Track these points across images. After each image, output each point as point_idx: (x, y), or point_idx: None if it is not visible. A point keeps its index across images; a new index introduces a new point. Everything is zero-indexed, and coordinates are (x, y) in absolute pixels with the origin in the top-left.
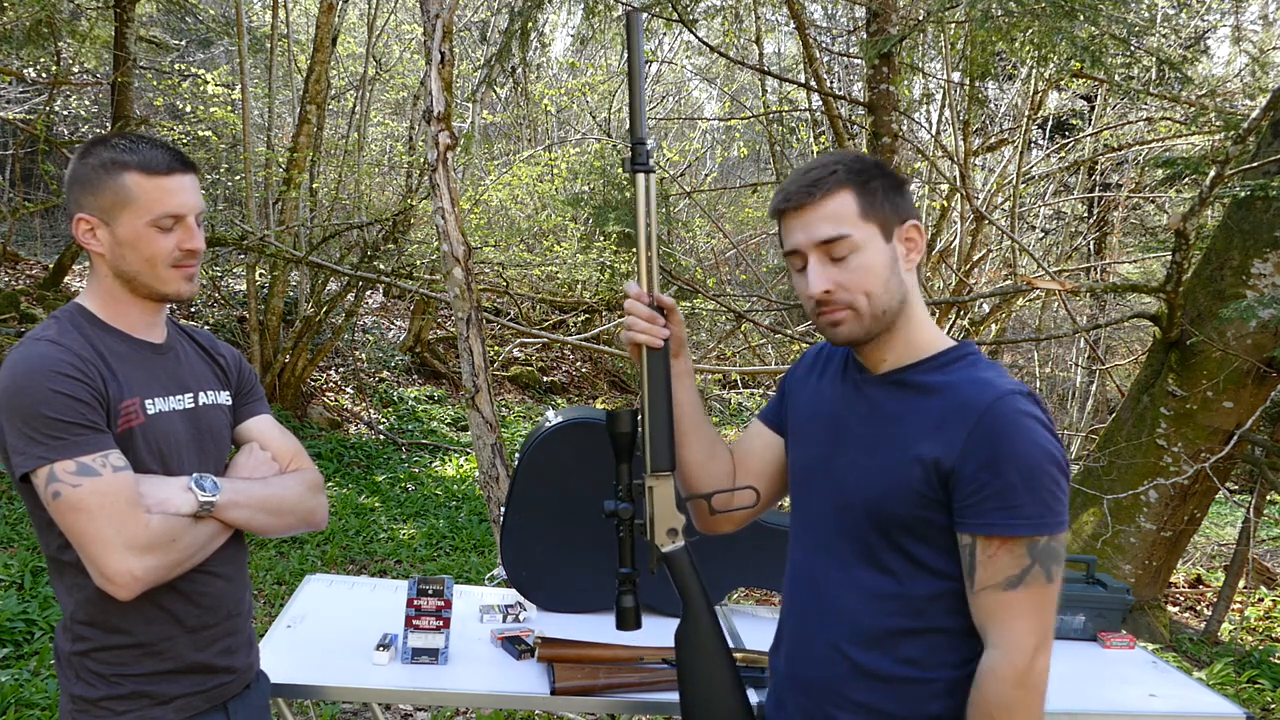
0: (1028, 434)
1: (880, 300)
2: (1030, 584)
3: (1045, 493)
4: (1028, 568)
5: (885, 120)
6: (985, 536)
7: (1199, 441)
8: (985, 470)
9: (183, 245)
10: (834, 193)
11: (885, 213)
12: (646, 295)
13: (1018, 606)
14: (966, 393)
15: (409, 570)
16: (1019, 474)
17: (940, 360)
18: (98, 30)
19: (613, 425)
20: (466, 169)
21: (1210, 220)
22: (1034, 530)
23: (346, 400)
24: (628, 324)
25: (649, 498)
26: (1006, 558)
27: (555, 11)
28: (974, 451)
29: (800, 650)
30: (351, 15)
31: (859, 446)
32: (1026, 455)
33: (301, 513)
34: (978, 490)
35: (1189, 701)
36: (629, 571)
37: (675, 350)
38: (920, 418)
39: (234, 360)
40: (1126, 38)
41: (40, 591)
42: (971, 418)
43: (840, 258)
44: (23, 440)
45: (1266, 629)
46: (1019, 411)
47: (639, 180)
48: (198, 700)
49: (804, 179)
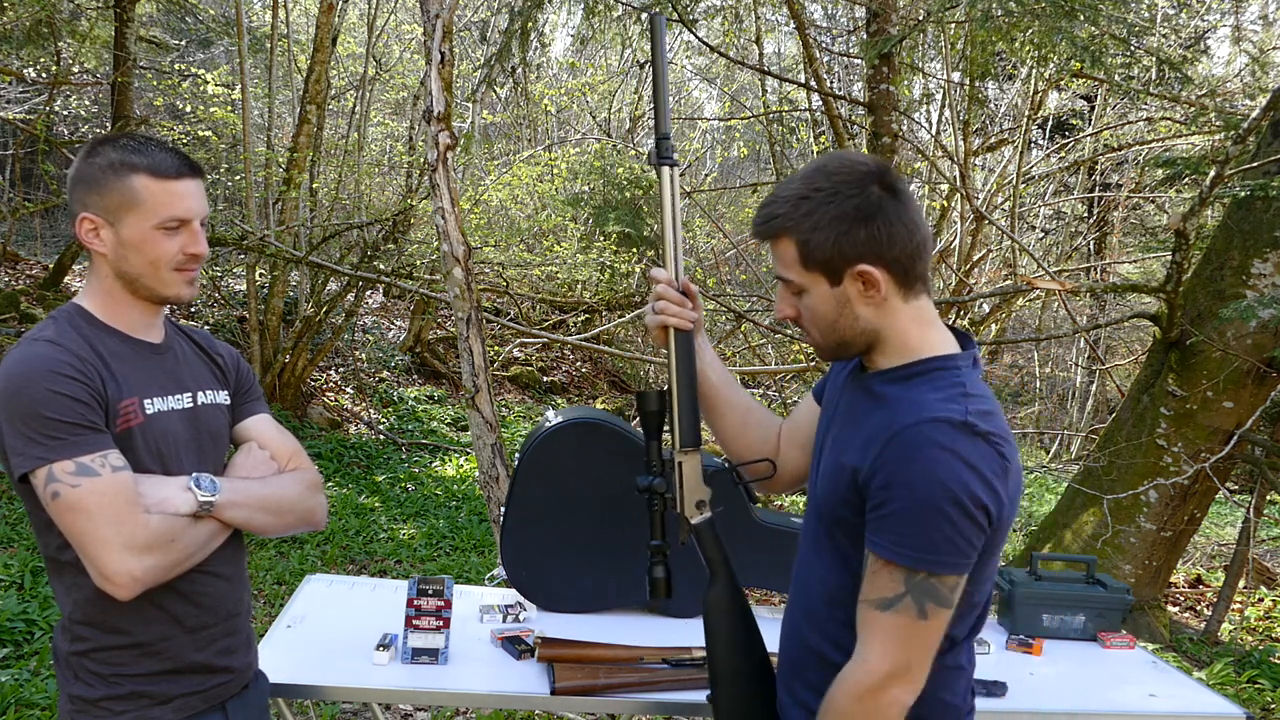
0: (930, 465)
1: (833, 336)
2: (900, 612)
3: (932, 529)
4: (900, 595)
5: (885, 120)
6: (872, 553)
7: (1199, 441)
8: (882, 490)
9: (187, 249)
10: (779, 238)
11: (827, 256)
12: (674, 280)
13: (883, 628)
14: (896, 411)
15: (409, 570)
16: (909, 503)
17: (906, 371)
18: (98, 30)
19: (642, 404)
20: (466, 169)
21: (1210, 220)
22: (910, 563)
23: (346, 400)
24: (658, 308)
25: (678, 472)
26: (884, 578)
27: (555, 11)
28: (879, 470)
29: (785, 636)
30: (351, 15)
31: (831, 441)
32: (921, 487)
33: (301, 512)
34: (875, 508)
35: (1189, 701)
36: (660, 544)
37: (695, 330)
38: (862, 426)
39: (232, 360)
40: (1126, 38)
41: (40, 591)
42: (886, 437)
43: (795, 294)
44: (21, 440)
45: (1266, 629)
46: (929, 441)
47: (664, 173)
48: (196, 700)
49: (760, 213)
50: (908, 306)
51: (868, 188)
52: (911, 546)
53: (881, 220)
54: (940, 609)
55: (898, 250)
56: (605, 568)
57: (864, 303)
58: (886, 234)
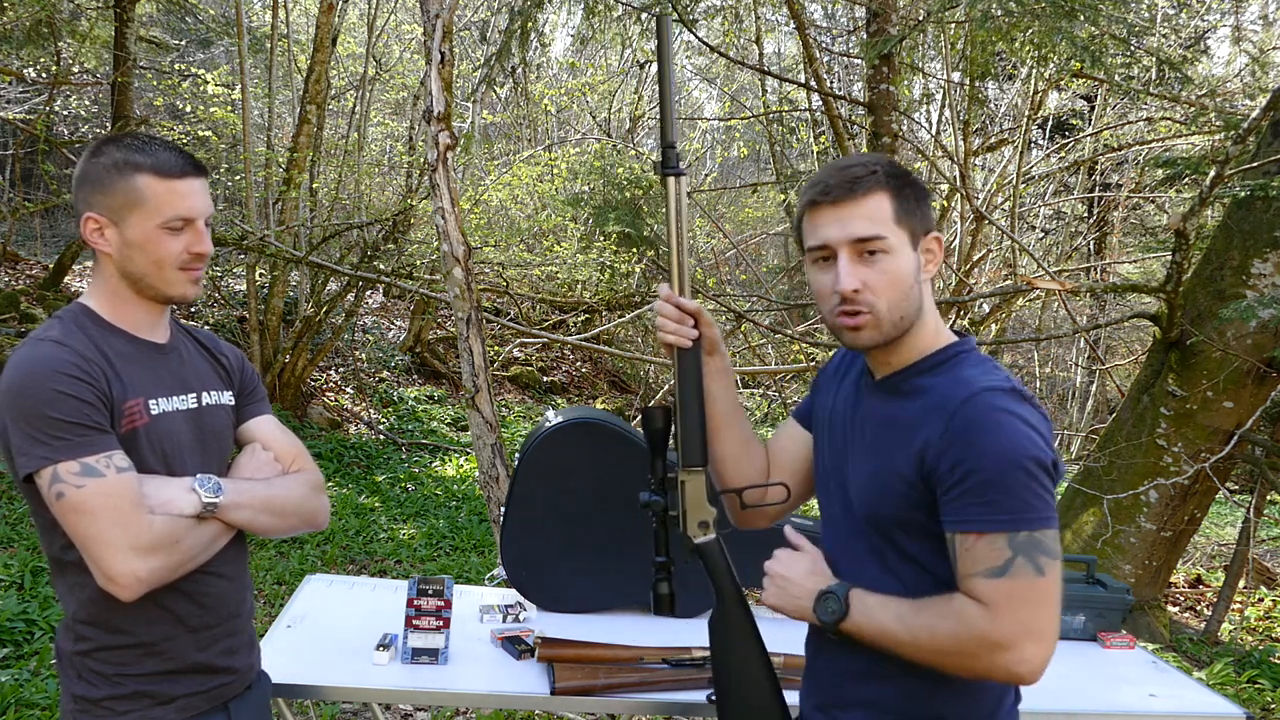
0: (999, 430)
1: (900, 307)
2: (1015, 576)
3: (1021, 488)
4: (1009, 560)
5: (885, 120)
6: (962, 532)
7: (1199, 441)
8: (958, 467)
9: (191, 248)
10: (873, 192)
11: (915, 221)
12: (675, 297)
13: (1004, 595)
14: (944, 392)
15: (409, 570)
16: (990, 470)
17: (930, 362)
18: (98, 30)
19: (647, 421)
20: (466, 169)
21: (1210, 220)
22: (1010, 526)
23: (346, 400)
24: (658, 325)
25: (681, 491)
26: (985, 550)
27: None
28: (947, 450)
29: (814, 647)
30: (351, 15)
31: (860, 452)
32: (997, 451)
33: (304, 513)
34: (953, 487)
35: (1189, 701)
36: (664, 560)
37: (709, 349)
38: (905, 423)
39: (236, 360)
40: (1126, 38)
41: (40, 591)
42: (945, 416)
43: (871, 257)
44: (26, 441)
45: (1266, 629)
46: (993, 407)
47: (670, 184)
48: (199, 700)
49: (844, 174)
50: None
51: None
52: (1005, 510)
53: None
54: (1053, 561)
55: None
56: (605, 568)
57: (925, 275)
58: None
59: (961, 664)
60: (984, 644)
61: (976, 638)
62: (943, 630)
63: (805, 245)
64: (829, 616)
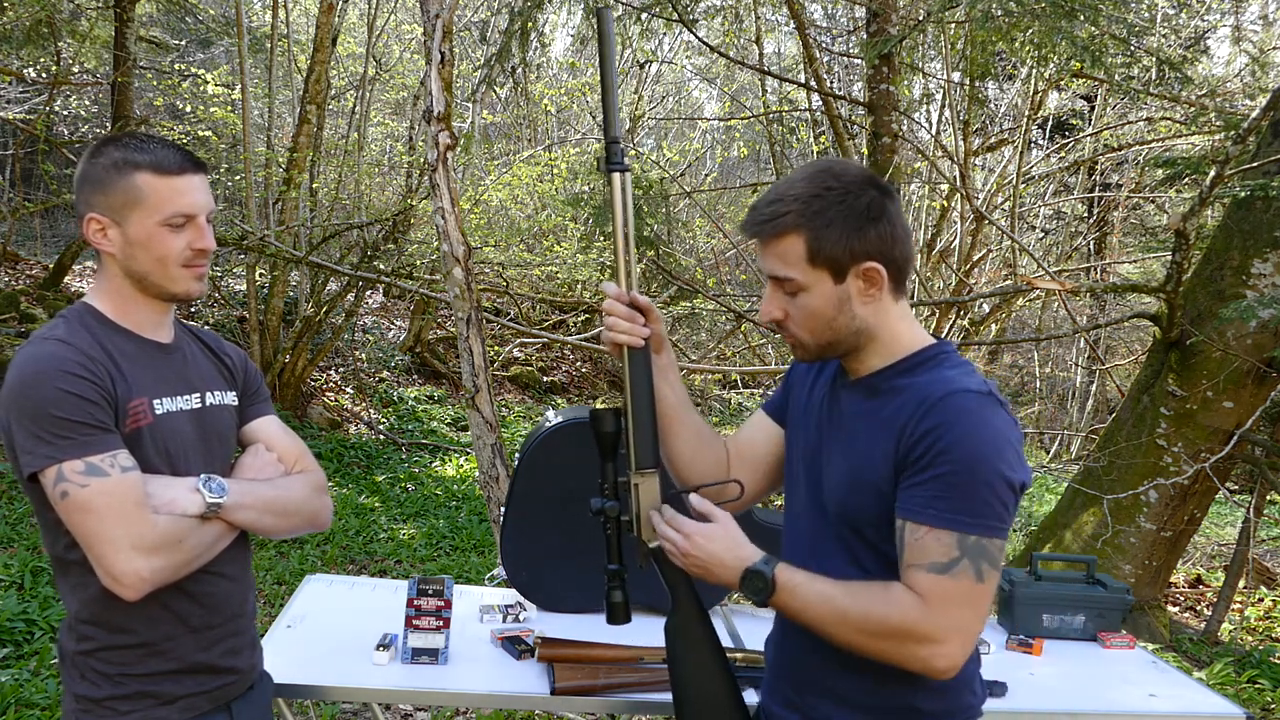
0: (974, 433)
1: (825, 335)
2: (958, 576)
3: (984, 493)
4: (956, 559)
5: (885, 120)
6: (915, 522)
7: (1199, 441)
8: (926, 456)
9: (194, 245)
10: (783, 235)
11: (837, 254)
12: (625, 295)
13: (943, 591)
14: (924, 389)
15: (409, 570)
16: (953, 469)
17: (909, 363)
18: (98, 30)
19: (596, 424)
20: (466, 169)
21: (1210, 220)
22: (963, 527)
23: (346, 400)
24: (608, 324)
25: (634, 494)
26: (934, 544)
27: (555, 11)
28: (921, 439)
29: (786, 641)
30: (351, 15)
31: (834, 449)
32: (969, 453)
33: (307, 514)
34: (915, 474)
35: (1189, 701)
36: (617, 568)
37: (656, 347)
38: (883, 417)
39: (240, 361)
40: (1126, 38)
41: (40, 591)
42: (921, 410)
43: (790, 296)
44: (31, 440)
45: (1266, 629)
46: (970, 410)
47: (615, 180)
48: (201, 700)
49: (763, 210)
50: (896, 306)
51: (870, 190)
52: (962, 511)
53: (885, 222)
54: (993, 571)
55: (897, 251)
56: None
57: (863, 301)
58: (890, 235)
59: (880, 648)
60: (911, 634)
61: (906, 627)
62: (875, 614)
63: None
64: (756, 595)
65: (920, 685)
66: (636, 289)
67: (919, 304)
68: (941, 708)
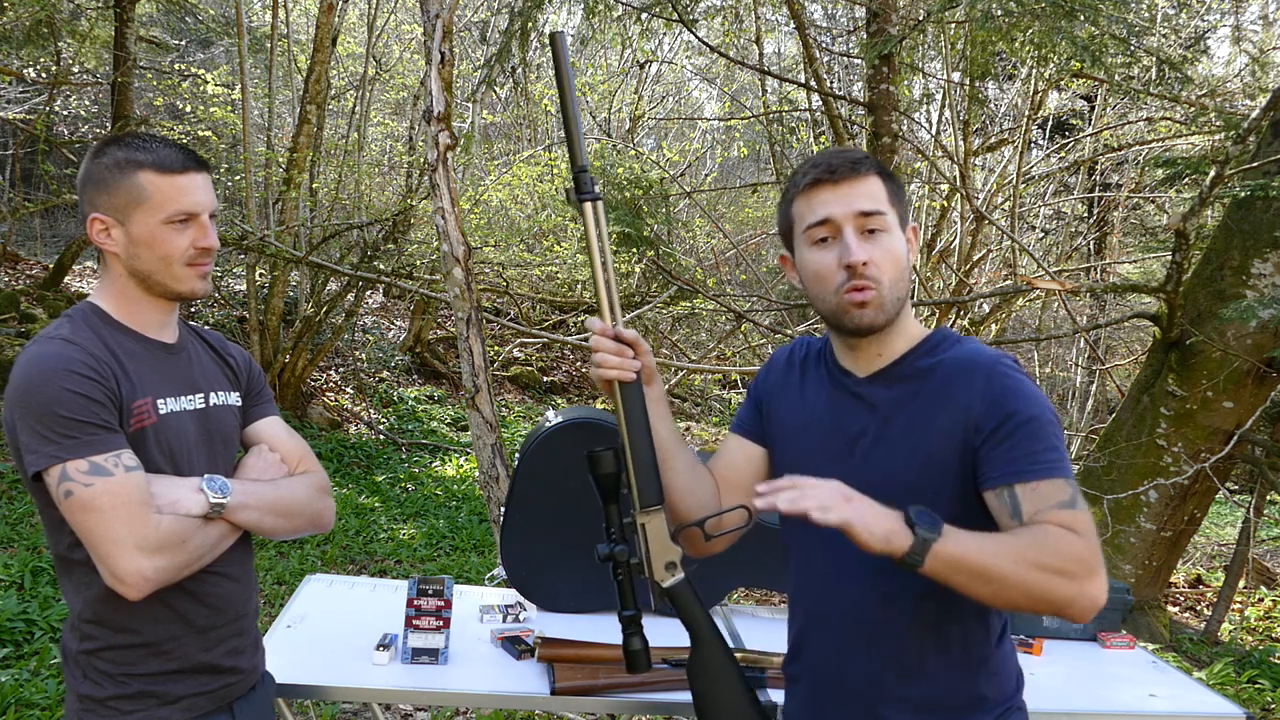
0: (1030, 390)
1: (898, 287)
2: (1080, 509)
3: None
4: (1074, 496)
5: (885, 120)
6: (1022, 482)
7: (1199, 441)
8: (1005, 423)
9: (197, 243)
10: (871, 174)
11: (901, 206)
12: (610, 329)
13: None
14: (963, 361)
15: (409, 570)
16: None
17: (924, 347)
18: (98, 30)
19: (595, 467)
20: (466, 169)
21: (1210, 220)
22: (1062, 472)
23: (346, 400)
24: (596, 360)
25: (641, 535)
26: (1051, 490)
27: (555, 11)
28: (994, 407)
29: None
30: (351, 15)
31: (875, 446)
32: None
33: (310, 515)
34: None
35: (1189, 701)
36: (633, 613)
37: (646, 379)
38: (928, 398)
39: (244, 361)
40: (1126, 38)
41: (40, 591)
42: (981, 375)
43: (873, 234)
44: (35, 439)
45: (1266, 629)
46: (1015, 369)
47: (587, 210)
48: (204, 700)
49: (844, 157)
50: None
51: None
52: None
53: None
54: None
55: None
56: (605, 568)
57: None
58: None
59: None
60: (1084, 565)
61: (1077, 558)
62: (1049, 547)
63: (803, 225)
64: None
65: (983, 672)
66: (621, 322)
67: (919, 304)
68: (1002, 693)
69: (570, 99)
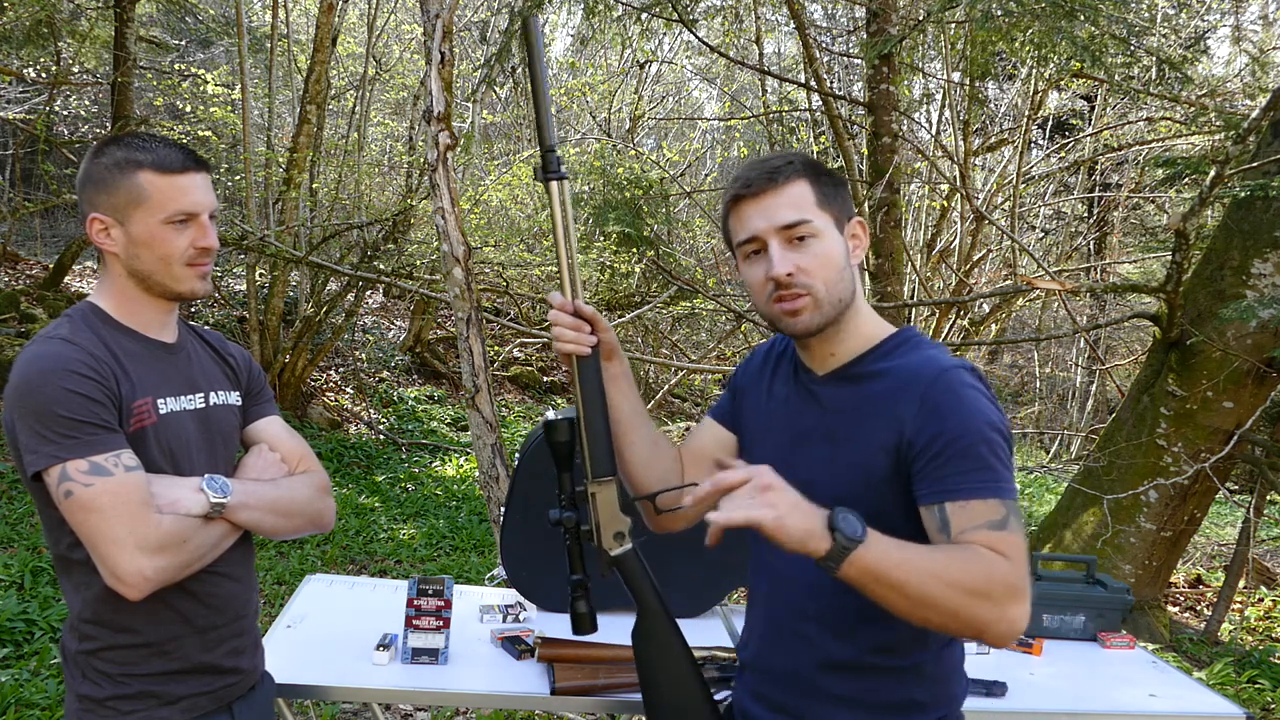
0: (974, 403)
1: (836, 289)
2: (1012, 531)
3: (998, 456)
4: (1005, 518)
5: (885, 120)
6: (953, 501)
7: (1199, 441)
8: (938, 439)
9: (197, 243)
10: (793, 180)
11: (836, 207)
12: (569, 304)
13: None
14: (912, 370)
15: (409, 570)
16: (970, 441)
17: (883, 349)
18: (98, 30)
19: (550, 434)
20: (466, 169)
21: (1210, 220)
22: (997, 492)
23: (346, 400)
24: (554, 334)
25: (592, 504)
26: (983, 508)
27: (555, 11)
28: (927, 423)
29: (770, 644)
30: (351, 15)
31: (818, 445)
32: (973, 425)
33: (310, 515)
34: (935, 458)
35: (1189, 701)
36: (580, 578)
37: (607, 355)
38: (872, 405)
39: (244, 361)
40: (1126, 38)
41: (40, 591)
42: (919, 391)
43: (800, 242)
44: (35, 439)
45: (1266, 629)
46: (962, 383)
47: (553, 188)
48: (204, 701)
49: (762, 167)
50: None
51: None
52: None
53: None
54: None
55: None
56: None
57: (854, 259)
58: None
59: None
60: (1007, 590)
61: (1001, 582)
62: (974, 568)
63: (735, 242)
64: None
65: (917, 676)
66: (581, 297)
67: (919, 304)
68: (936, 697)
69: (540, 80)
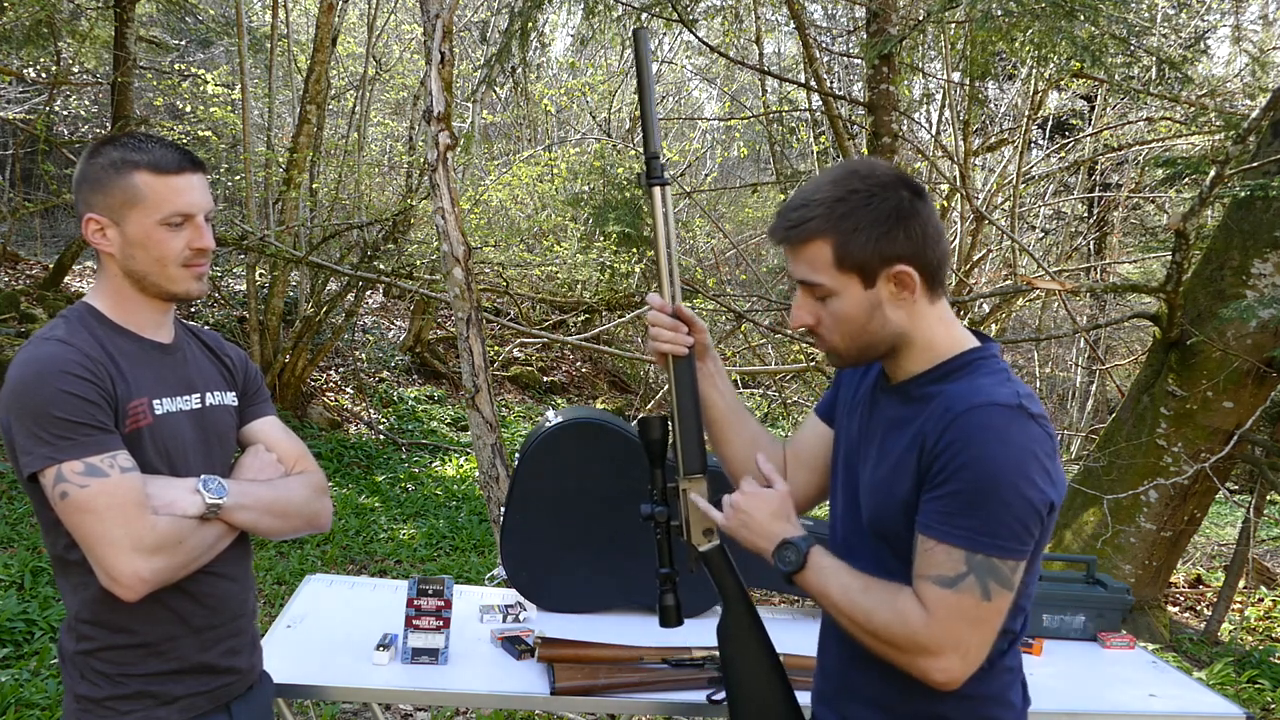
0: (989, 450)
1: (859, 340)
2: (963, 591)
3: (999, 511)
4: (962, 574)
5: (885, 120)
6: (925, 535)
7: (1199, 441)
8: (941, 472)
9: (193, 244)
10: (810, 240)
11: (865, 258)
12: (668, 306)
13: (947, 606)
14: (949, 399)
15: (409, 570)
16: (968, 485)
17: (945, 369)
18: (98, 30)
19: (644, 432)
20: (466, 169)
21: (1210, 220)
22: (970, 545)
23: (346, 400)
24: (652, 335)
25: (683, 500)
26: (942, 558)
27: (555, 11)
28: (940, 454)
29: (827, 641)
30: (351, 15)
31: (870, 454)
32: (981, 471)
33: (307, 515)
34: (933, 489)
35: (1189, 701)
36: (669, 571)
37: (700, 355)
38: (911, 427)
39: (240, 361)
40: (1126, 38)
41: (40, 591)
42: (946, 421)
43: (822, 301)
44: (31, 440)
45: (1266, 629)
46: (988, 425)
47: (655, 194)
48: (201, 701)
49: (789, 216)
50: (933, 309)
51: (899, 191)
52: (973, 529)
53: (916, 223)
54: (1003, 591)
55: (929, 253)
56: (605, 568)
57: (896, 305)
58: (921, 236)
59: (884, 652)
60: (912, 644)
61: (908, 636)
62: (880, 618)
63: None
64: (785, 567)
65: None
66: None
67: None
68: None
69: (649, 90)
